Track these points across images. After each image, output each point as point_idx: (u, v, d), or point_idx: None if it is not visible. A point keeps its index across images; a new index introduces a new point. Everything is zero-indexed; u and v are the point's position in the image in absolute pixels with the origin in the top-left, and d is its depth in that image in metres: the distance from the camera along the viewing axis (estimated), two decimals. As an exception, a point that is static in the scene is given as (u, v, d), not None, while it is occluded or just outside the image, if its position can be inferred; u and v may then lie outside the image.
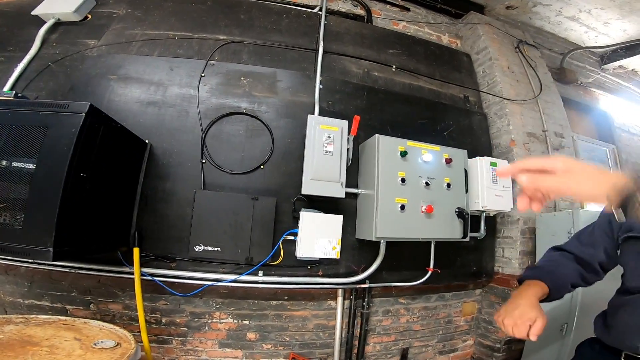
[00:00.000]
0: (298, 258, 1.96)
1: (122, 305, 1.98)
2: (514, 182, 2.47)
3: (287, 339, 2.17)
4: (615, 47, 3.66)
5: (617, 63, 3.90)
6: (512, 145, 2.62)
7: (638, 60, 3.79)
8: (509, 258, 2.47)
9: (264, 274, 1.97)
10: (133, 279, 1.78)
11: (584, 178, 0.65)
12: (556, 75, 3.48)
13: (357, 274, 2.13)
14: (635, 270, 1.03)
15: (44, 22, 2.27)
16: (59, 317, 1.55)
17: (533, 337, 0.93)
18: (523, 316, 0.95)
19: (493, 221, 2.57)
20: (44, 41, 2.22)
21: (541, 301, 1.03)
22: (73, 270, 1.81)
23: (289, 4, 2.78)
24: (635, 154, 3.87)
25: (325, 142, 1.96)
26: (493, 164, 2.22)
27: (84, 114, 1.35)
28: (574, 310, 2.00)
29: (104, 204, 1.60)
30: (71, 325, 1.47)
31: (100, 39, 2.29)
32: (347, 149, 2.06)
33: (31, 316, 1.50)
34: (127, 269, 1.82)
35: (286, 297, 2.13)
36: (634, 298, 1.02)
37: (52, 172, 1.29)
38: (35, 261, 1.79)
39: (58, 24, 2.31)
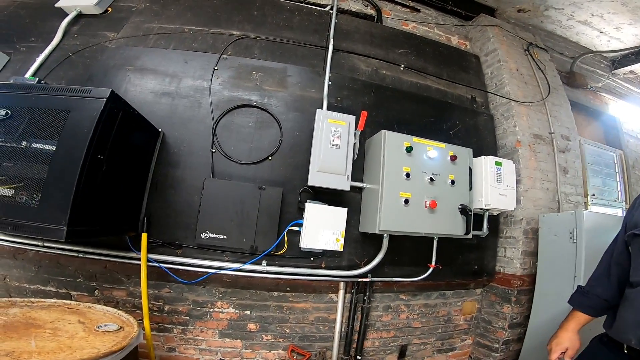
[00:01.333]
0: (302, 249, 1.98)
1: (126, 292, 2.02)
2: (519, 181, 2.49)
3: (287, 330, 2.19)
4: (626, 51, 3.63)
5: (627, 68, 3.86)
6: (517, 146, 2.62)
7: None
8: (511, 258, 2.47)
9: (268, 264, 2.00)
10: (139, 265, 1.81)
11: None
12: (566, 79, 3.47)
13: (359, 267, 2.16)
14: (637, 265, 1.08)
15: (66, 15, 2.36)
16: (65, 301, 1.59)
17: None
18: (558, 345, 1.26)
19: (496, 221, 2.58)
20: (65, 33, 2.30)
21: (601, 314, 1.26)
22: (81, 255, 1.85)
23: (301, 2, 2.84)
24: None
25: (333, 135, 1.99)
26: (498, 164, 2.24)
27: (105, 99, 1.43)
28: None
29: (116, 188, 1.65)
30: (76, 309, 1.52)
31: (119, 31, 2.38)
32: (354, 144, 2.09)
33: (37, 300, 1.54)
34: (133, 255, 1.87)
35: (288, 289, 2.15)
36: (634, 292, 1.07)
37: (71, 153, 1.34)
38: (45, 244, 1.84)
39: (79, 16, 2.40)
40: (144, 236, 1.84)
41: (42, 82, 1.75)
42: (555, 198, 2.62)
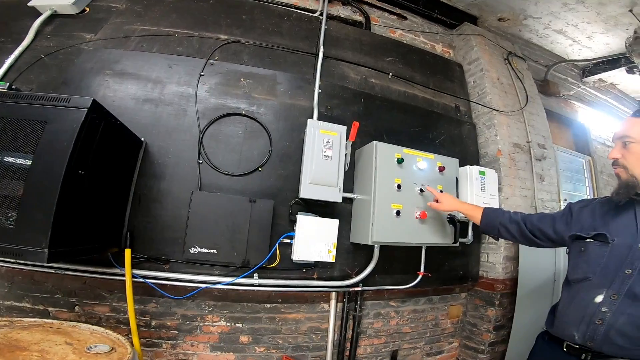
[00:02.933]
0: (294, 261, 1.97)
1: (109, 308, 1.92)
2: (500, 189, 2.59)
3: (280, 341, 2.18)
4: (597, 60, 3.79)
5: (597, 76, 4.04)
6: (498, 155, 2.72)
7: (617, 74, 3.94)
8: (494, 263, 2.57)
9: (260, 277, 1.97)
10: (122, 280, 1.73)
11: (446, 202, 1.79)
12: (540, 87, 3.60)
13: (351, 277, 2.17)
14: (575, 266, 1.18)
15: (40, 14, 2.18)
16: (45, 320, 1.50)
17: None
18: (445, 204, 1.78)
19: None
20: (38, 33, 2.13)
21: (482, 232, 1.84)
22: (59, 272, 1.74)
23: (291, 7, 2.79)
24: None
25: (325, 146, 1.98)
26: (482, 173, 2.32)
27: (86, 109, 1.32)
28: (554, 312, 2.13)
29: (98, 203, 1.55)
30: (59, 328, 1.42)
31: (97, 32, 2.22)
32: (345, 155, 2.09)
33: (15, 319, 1.44)
34: (116, 271, 1.77)
35: (280, 300, 2.14)
36: (572, 290, 1.15)
37: (49, 169, 1.24)
38: (19, 262, 1.72)
39: (54, 16, 2.22)
40: (128, 252, 1.75)
41: (13, 87, 1.63)
42: (533, 205, 2.76)
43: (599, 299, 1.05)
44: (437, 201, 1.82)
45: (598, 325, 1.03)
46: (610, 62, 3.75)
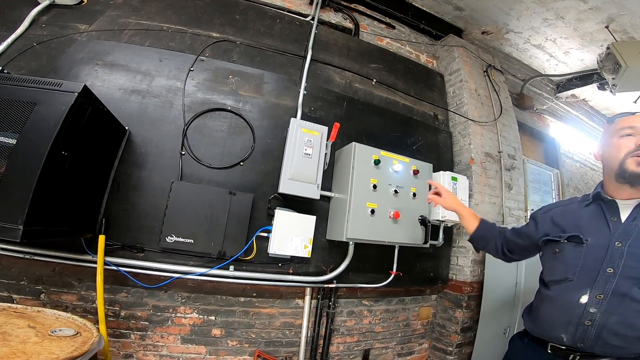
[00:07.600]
0: (270, 255, 2.01)
1: (76, 297, 1.90)
2: (471, 196, 2.72)
3: (254, 336, 2.19)
4: (571, 76, 3.91)
5: (570, 92, 4.17)
6: (471, 163, 2.85)
7: (589, 90, 4.07)
8: (462, 266, 2.68)
9: (235, 269, 2.00)
10: (93, 268, 1.72)
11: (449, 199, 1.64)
12: (515, 100, 3.73)
13: (325, 273, 2.22)
14: (551, 267, 1.21)
15: (38, 4, 2.20)
16: (9, 304, 1.48)
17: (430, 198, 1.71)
18: (446, 199, 1.64)
19: (450, 231, 2.79)
20: (33, 21, 2.14)
21: (470, 241, 1.60)
22: (28, 257, 1.71)
23: (284, 10, 2.89)
24: (576, 179, 4.30)
25: (306, 145, 2.06)
26: (454, 179, 2.45)
27: (77, 93, 1.38)
28: (515, 314, 2.23)
29: (76, 186, 1.57)
30: (23, 313, 1.41)
31: (92, 24, 2.25)
32: (325, 154, 2.17)
33: (-24, 303, 1.42)
34: (88, 257, 1.76)
35: (255, 294, 2.17)
36: (555, 292, 1.15)
37: (34, 148, 1.27)
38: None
39: (52, 6, 2.24)
40: (102, 238, 1.75)
41: (4, 71, 1.65)
42: (500, 212, 2.89)
43: (584, 299, 1.04)
44: (438, 194, 1.68)
45: (588, 327, 1.02)
46: (583, 78, 3.86)
